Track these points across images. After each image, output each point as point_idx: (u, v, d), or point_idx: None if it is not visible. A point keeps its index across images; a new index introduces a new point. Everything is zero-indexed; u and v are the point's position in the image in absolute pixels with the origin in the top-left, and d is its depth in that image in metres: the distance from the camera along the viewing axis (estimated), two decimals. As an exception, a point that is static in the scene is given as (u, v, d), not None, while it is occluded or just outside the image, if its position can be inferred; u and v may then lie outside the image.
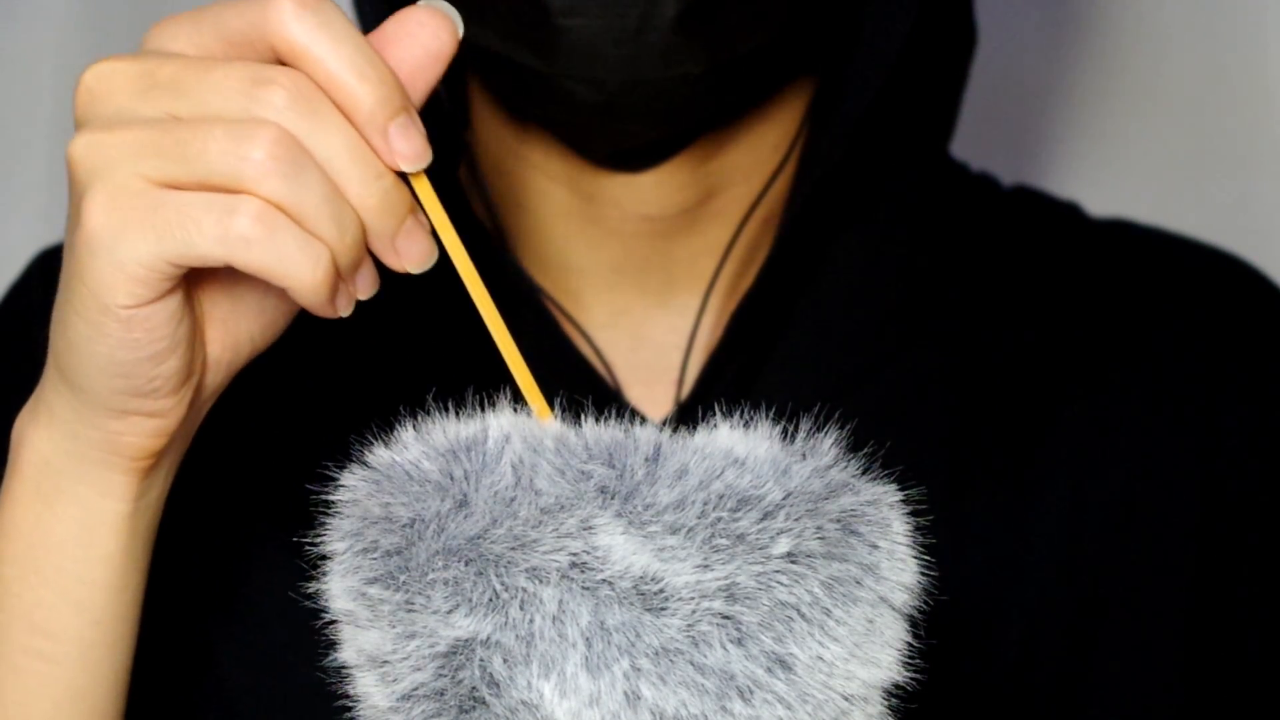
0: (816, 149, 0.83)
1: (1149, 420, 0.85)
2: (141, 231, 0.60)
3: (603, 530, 0.59)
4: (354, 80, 0.60)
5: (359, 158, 0.61)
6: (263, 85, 0.60)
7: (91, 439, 0.66)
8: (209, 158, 0.60)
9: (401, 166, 0.61)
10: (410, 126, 0.61)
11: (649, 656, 0.59)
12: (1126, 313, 0.87)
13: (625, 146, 0.81)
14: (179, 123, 0.61)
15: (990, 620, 0.83)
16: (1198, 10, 1.22)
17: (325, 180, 0.60)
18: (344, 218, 0.61)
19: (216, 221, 0.60)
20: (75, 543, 0.67)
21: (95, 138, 0.61)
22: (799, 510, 0.60)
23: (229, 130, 0.60)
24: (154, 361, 0.63)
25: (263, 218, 0.60)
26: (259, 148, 0.60)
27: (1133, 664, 0.83)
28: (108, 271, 0.61)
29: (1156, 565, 0.84)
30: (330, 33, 0.60)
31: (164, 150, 0.60)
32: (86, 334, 0.62)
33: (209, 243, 0.60)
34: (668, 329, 0.85)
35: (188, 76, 0.61)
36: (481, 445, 0.60)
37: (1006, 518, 0.83)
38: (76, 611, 0.68)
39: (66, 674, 0.68)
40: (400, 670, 0.60)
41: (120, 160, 0.61)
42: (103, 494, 0.67)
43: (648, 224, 0.84)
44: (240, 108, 0.60)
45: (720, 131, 0.83)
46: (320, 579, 0.61)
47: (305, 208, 0.60)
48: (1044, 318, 0.87)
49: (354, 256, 0.61)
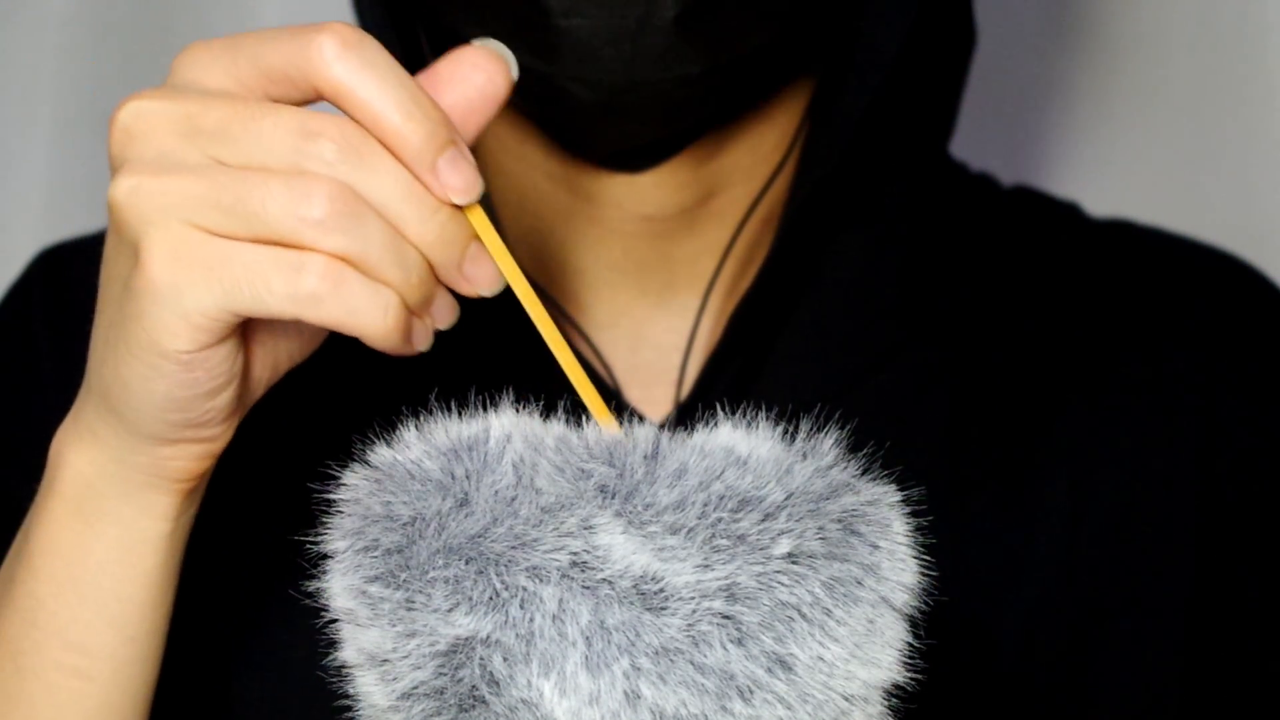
0: (816, 149, 0.83)
1: (1149, 420, 0.85)
2: (208, 284, 0.61)
3: (603, 529, 0.59)
4: (400, 119, 0.60)
5: (412, 197, 0.61)
6: (312, 139, 0.60)
7: (138, 463, 0.66)
8: (268, 215, 0.60)
9: (453, 200, 0.61)
10: (459, 159, 0.61)
11: (649, 656, 0.59)
12: (1127, 312, 0.87)
13: (625, 147, 0.81)
14: (230, 173, 0.61)
15: (990, 620, 0.83)
16: (1198, 10, 1.22)
17: (384, 226, 0.61)
18: (407, 258, 0.61)
19: (286, 280, 0.60)
20: (116, 562, 0.68)
21: (141, 182, 0.61)
22: (800, 511, 0.60)
23: (286, 186, 0.60)
24: (210, 396, 0.64)
25: (329, 273, 0.60)
26: (317, 205, 0.60)
27: (1132, 664, 0.83)
28: (172, 321, 0.61)
29: (1156, 564, 0.84)
30: (375, 73, 0.60)
31: (222, 204, 0.60)
32: (143, 374, 0.63)
33: (279, 300, 0.60)
34: (667, 329, 0.85)
35: (234, 124, 0.61)
36: (483, 444, 0.61)
37: (1007, 517, 0.83)
38: (113, 628, 0.68)
39: (101, 690, 0.69)
40: (400, 669, 0.60)
41: (175, 209, 0.61)
42: (146, 514, 0.67)
43: (647, 224, 0.84)
44: (290, 161, 0.60)
45: (720, 132, 0.83)
46: (321, 577, 0.61)
47: (369, 256, 0.61)
48: (1044, 317, 0.87)
49: (423, 294, 0.62)
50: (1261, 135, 1.21)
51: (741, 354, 0.82)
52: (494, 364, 0.79)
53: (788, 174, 0.85)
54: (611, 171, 0.83)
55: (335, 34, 0.61)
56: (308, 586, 0.61)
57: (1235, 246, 0.94)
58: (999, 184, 0.92)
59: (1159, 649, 0.84)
